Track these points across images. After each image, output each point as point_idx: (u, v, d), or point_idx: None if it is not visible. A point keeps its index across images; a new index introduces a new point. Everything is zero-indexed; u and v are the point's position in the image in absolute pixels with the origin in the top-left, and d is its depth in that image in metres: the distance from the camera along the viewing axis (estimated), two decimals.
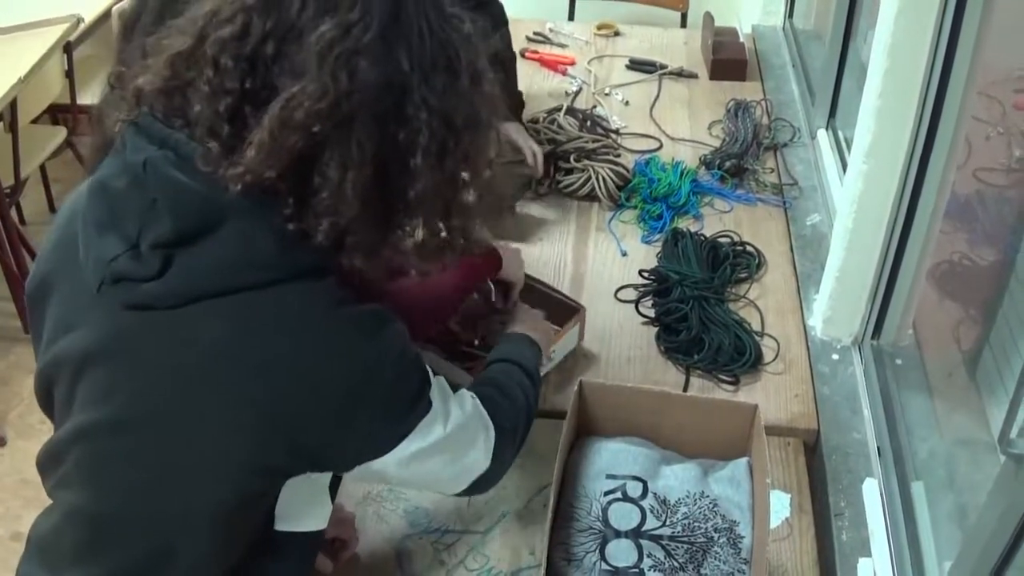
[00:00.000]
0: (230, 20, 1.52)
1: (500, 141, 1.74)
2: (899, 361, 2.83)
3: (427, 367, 1.77)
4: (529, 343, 2.37)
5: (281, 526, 1.75)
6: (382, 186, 1.55)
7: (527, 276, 2.84)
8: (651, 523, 2.19)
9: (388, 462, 1.72)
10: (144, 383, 1.59)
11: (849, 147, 2.93)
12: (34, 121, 5.08)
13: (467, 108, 1.61)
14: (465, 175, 1.64)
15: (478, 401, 1.95)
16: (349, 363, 1.61)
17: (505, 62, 3.54)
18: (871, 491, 2.48)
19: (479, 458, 1.94)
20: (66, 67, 5.06)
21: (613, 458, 2.32)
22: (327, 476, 1.81)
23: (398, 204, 1.58)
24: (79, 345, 1.63)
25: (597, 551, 2.14)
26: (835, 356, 2.93)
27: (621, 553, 2.14)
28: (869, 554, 2.35)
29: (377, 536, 2.40)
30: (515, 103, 3.65)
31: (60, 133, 5.21)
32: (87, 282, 1.59)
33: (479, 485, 1.98)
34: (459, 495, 2.02)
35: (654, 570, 2.11)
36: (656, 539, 2.16)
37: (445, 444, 1.80)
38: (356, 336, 1.62)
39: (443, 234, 1.66)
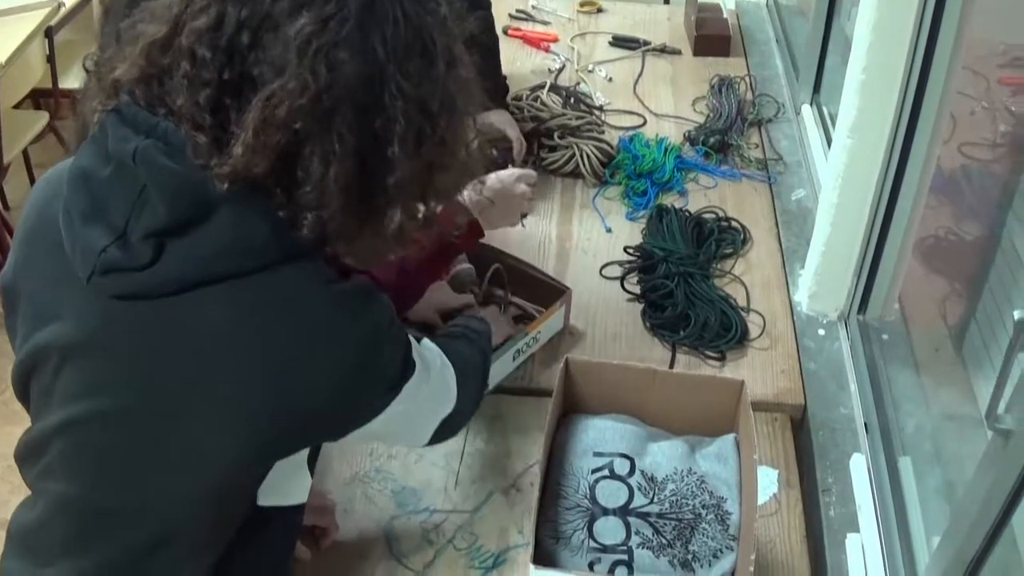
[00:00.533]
0: (204, 10, 1.50)
1: (476, 125, 1.73)
2: (885, 336, 2.83)
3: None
4: (478, 320, 2.41)
5: (263, 501, 1.74)
6: (362, 176, 1.55)
7: (511, 257, 2.84)
8: (639, 500, 2.19)
9: (375, 422, 1.74)
10: (136, 373, 1.58)
11: (834, 122, 2.93)
12: (16, 106, 5.07)
13: (443, 94, 1.60)
14: (442, 160, 1.65)
15: (433, 344, 1.97)
16: (345, 344, 1.61)
17: (487, 46, 3.53)
18: (858, 466, 2.48)
19: (447, 401, 1.98)
20: (47, 52, 5.05)
21: (600, 436, 2.32)
22: (308, 449, 1.81)
23: (377, 192, 1.58)
24: (62, 335, 1.62)
25: (585, 529, 2.14)
26: (821, 331, 2.93)
27: (609, 530, 2.14)
28: (857, 529, 2.36)
29: (365, 517, 2.39)
30: (498, 88, 3.64)
31: (42, 118, 5.20)
32: (69, 272, 1.57)
33: (445, 428, 2.01)
34: (427, 444, 2.04)
35: (642, 547, 2.11)
36: (644, 516, 2.16)
37: (427, 397, 1.86)
38: (349, 316, 1.62)
39: (421, 217, 1.68)
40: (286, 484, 1.79)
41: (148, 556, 1.67)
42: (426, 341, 1.93)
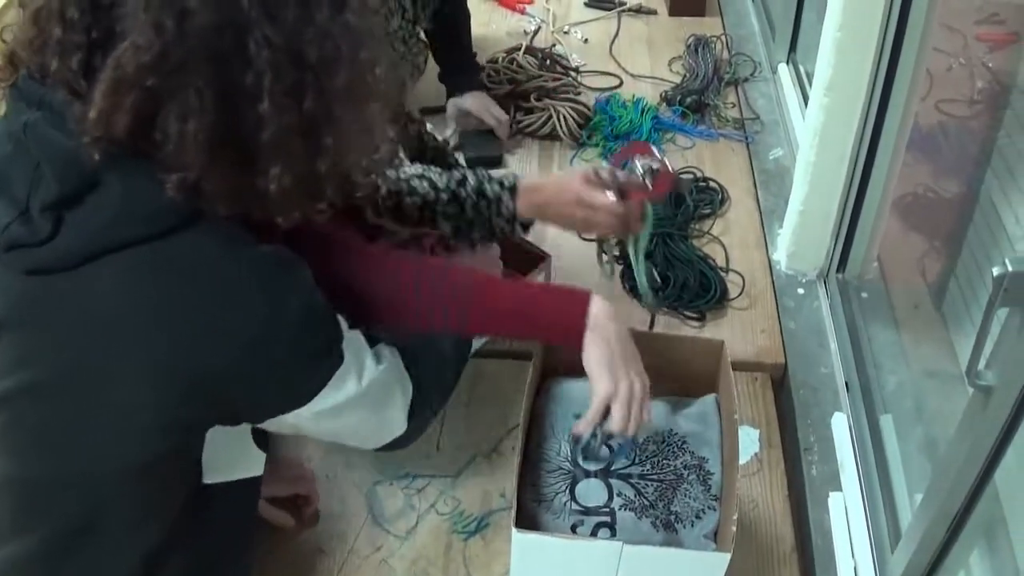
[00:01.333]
0: None
1: (378, 76, 1.60)
2: (865, 294, 2.84)
3: (339, 318, 1.73)
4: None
5: (211, 478, 1.73)
6: (229, 133, 1.47)
7: None
8: (620, 462, 2.18)
9: (302, 415, 1.71)
10: (54, 346, 1.56)
11: (810, 81, 2.92)
12: None
13: (323, 42, 1.49)
14: (329, 115, 1.54)
15: (397, 356, 1.91)
16: (247, 312, 1.57)
17: (456, 23, 3.52)
18: (840, 425, 2.49)
19: (396, 416, 1.92)
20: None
21: (580, 398, 2.30)
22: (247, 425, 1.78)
23: (250, 150, 1.50)
24: None
25: (567, 491, 2.13)
26: (800, 290, 2.93)
27: (591, 492, 2.13)
28: (840, 488, 2.36)
29: (347, 483, 2.39)
30: (470, 66, 3.63)
31: None
32: None
33: (395, 444, 1.97)
34: (376, 451, 2.01)
35: (624, 508, 2.11)
36: (626, 478, 2.16)
37: (360, 400, 1.77)
38: (253, 283, 1.58)
39: (312, 178, 1.58)
40: (230, 459, 1.77)
41: (87, 531, 1.66)
42: (382, 348, 1.87)
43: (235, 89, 1.45)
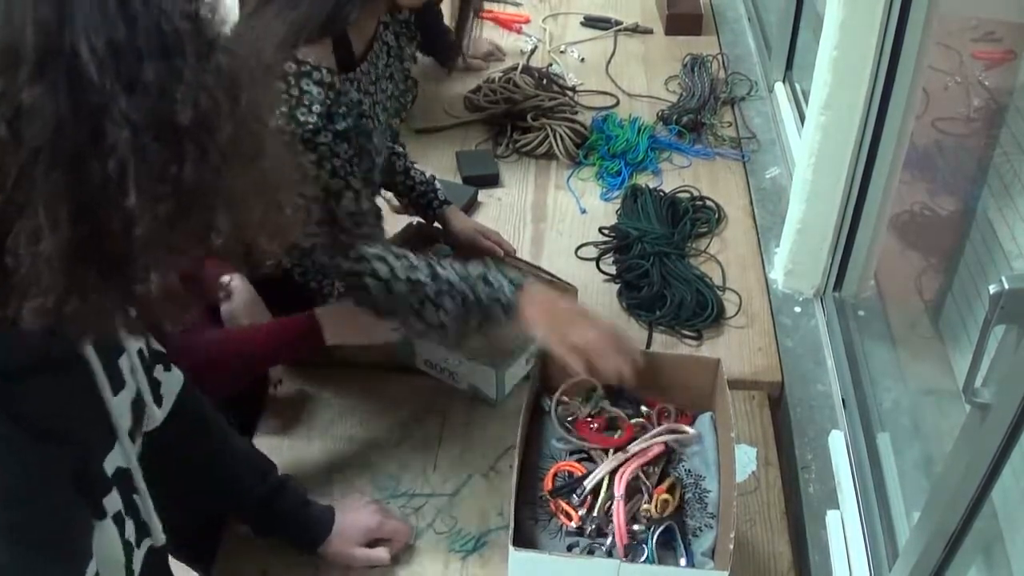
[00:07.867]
0: None
1: (265, 121, 1.29)
2: (862, 312, 2.84)
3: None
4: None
5: None
6: (93, 244, 1.19)
7: (512, 259, 2.84)
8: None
9: None
10: None
11: (807, 99, 2.93)
12: None
13: (197, 99, 1.19)
14: (218, 183, 1.25)
15: None
16: None
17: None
18: (837, 443, 2.49)
19: None
20: None
21: None
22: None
23: (121, 257, 1.22)
24: None
25: None
26: (797, 309, 2.93)
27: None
28: (837, 506, 2.36)
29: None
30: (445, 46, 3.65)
31: None
32: None
33: None
34: None
35: None
36: None
37: None
38: None
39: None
40: None
41: None
42: None
43: (93, 191, 1.17)
